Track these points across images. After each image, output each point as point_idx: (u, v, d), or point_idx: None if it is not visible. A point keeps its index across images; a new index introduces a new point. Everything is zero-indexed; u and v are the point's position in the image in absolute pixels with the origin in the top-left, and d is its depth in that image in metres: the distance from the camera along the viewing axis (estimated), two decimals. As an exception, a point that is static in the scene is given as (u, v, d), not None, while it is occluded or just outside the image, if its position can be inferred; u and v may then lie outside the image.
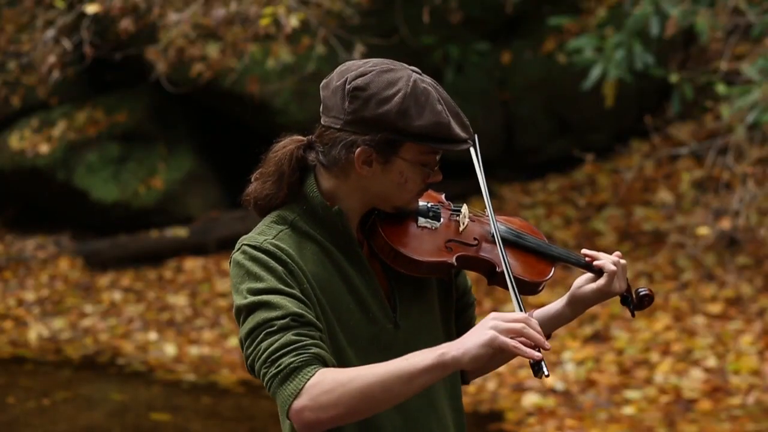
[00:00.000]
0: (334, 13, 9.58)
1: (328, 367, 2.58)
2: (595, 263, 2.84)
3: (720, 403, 7.95)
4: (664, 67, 9.99)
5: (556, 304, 2.89)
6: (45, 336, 10.55)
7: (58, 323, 10.70)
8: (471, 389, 8.41)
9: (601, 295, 2.85)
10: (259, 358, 2.59)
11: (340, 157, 2.67)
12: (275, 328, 2.58)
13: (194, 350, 9.98)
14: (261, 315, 2.60)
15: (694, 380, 8.22)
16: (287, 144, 2.77)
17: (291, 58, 9.44)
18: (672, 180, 10.75)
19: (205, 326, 10.35)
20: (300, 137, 2.78)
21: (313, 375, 2.54)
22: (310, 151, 2.74)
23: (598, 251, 2.90)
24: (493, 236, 2.79)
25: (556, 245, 2.90)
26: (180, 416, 8.67)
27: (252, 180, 2.79)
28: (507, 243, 2.81)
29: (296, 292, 2.63)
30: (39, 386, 9.34)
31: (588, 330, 9.01)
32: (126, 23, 9.00)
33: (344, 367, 2.63)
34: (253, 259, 2.66)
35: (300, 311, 2.60)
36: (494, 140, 11.44)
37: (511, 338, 2.51)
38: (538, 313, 2.89)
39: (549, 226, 10.59)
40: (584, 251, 2.87)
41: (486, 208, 2.82)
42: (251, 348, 2.60)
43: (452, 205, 2.86)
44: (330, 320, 2.69)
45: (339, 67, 2.73)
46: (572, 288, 2.87)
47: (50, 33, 9.77)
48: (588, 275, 2.86)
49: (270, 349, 2.58)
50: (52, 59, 9.45)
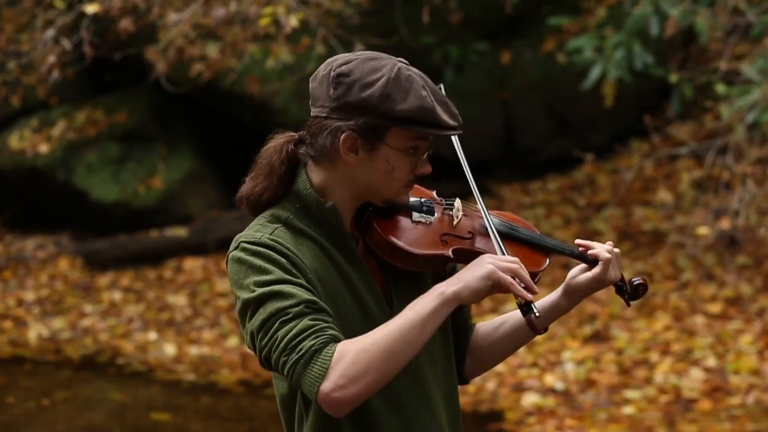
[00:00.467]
0: (334, 13, 9.58)
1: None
2: (590, 252, 2.84)
3: (720, 403, 7.95)
4: (664, 67, 9.99)
5: (552, 296, 2.89)
6: (45, 336, 10.55)
7: (58, 323, 10.70)
8: (471, 389, 8.41)
9: (596, 284, 2.84)
10: (277, 348, 2.58)
11: (326, 144, 2.68)
12: (290, 316, 2.58)
13: (194, 350, 9.98)
14: (274, 305, 2.59)
15: (694, 380, 8.22)
16: (279, 139, 2.79)
17: (291, 58, 9.44)
18: (672, 180, 10.75)
19: (205, 326, 10.35)
20: (291, 133, 2.79)
21: (335, 352, 2.55)
22: (301, 146, 2.75)
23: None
24: (487, 229, 2.80)
25: (551, 237, 2.90)
26: (180, 416, 8.67)
27: (247, 180, 2.79)
28: (501, 235, 2.81)
29: (303, 282, 2.63)
30: (39, 386, 9.34)
31: (588, 330, 9.01)
32: (126, 23, 9.00)
33: None
34: (255, 254, 2.65)
35: (312, 298, 2.61)
36: (494, 140, 11.44)
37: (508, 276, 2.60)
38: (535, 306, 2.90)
39: (549, 226, 10.59)
40: (578, 241, 2.87)
41: (477, 203, 2.84)
42: (266, 338, 2.59)
43: (445, 201, 2.87)
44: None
45: (327, 60, 2.75)
46: (567, 278, 2.86)
47: (50, 33, 9.77)
48: (582, 265, 2.86)
49: (288, 336, 2.57)
50: (52, 59, 9.45)
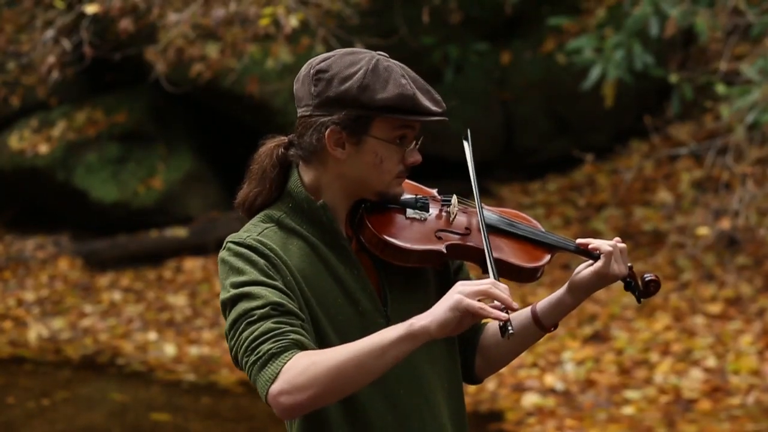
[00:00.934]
0: (334, 13, 9.58)
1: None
2: (590, 246, 2.82)
3: (720, 403, 7.95)
4: (664, 68, 9.99)
5: (558, 292, 2.87)
6: (45, 336, 10.55)
7: (58, 323, 10.71)
8: (471, 389, 8.41)
9: (599, 278, 2.81)
10: (241, 348, 2.60)
11: (313, 142, 2.70)
12: (255, 317, 2.60)
13: (194, 350, 9.98)
14: (242, 306, 2.62)
15: (694, 380, 8.22)
16: (269, 143, 2.81)
17: (290, 58, 9.44)
18: (672, 180, 10.75)
19: (205, 326, 10.35)
20: (281, 137, 2.82)
21: (290, 359, 2.55)
22: (291, 148, 2.77)
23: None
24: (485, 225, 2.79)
25: (554, 233, 2.89)
26: (180, 416, 8.67)
27: (244, 186, 2.82)
28: (499, 231, 2.81)
29: (278, 284, 2.65)
30: (39, 386, 9.34)
31: (588, 330, 9.01)
32: (125, 23, 9.00)
33: None
34: (237, 255, 2.68)
35: (280, 300, 2.61)
36: (494, 140, 11.44)
37: (479, 300, 2.50)
38: (541, 303, 2.87)
39: (549, 226, 10.59)
40: (579, 240, 2.85)
41: (475, 199, 2.82)
42: (234, 339, 2.63)
43: (443, 198, 2.86)
44: (318, 316, 2.70)
45: (308, 61, 2.77)
46: (572, 275, 2.84)
47: (50, 33, 9.77)
48: (588, 261, 2.83)
49: (250, 338, 2.59)
50: (52, 59, 9.45)
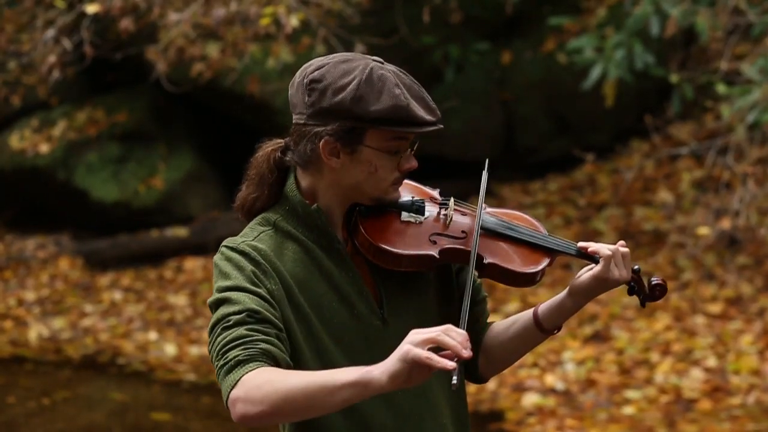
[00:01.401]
0: (334, 13, 9.57)
1: (276, 365, 2.58)
2: (589, 249, 2.79)
3: (720, 403, 7.95)
4: (664, 67, 9.99)
5: (559, 297, 2.84)
6: (45, 336, 10.55)
7: (58, 323, 10.70)
8: (471, 389, 8.38)
9: (599, 283, 2.78)
10: (214, 351, 2.62)
11: (308, 151, 2.69)
12: (231, 323, 2.61)
13: (194, 350, 9.98)
14: (222, 311, 2.63)
15: (694, 380, 8.22)
16: (266, 147, 2.80)
17: (291, 58, 9.44)
18: (672, 180, 10.74)
19: (206, 326, 10.32)
20: (279, 140, 2.81)
21: (253, 370, 2.55)
22: (288, 152, 2.76)
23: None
24: (482, 229, 2.77)
25: (556, 236, 2.85)
26: (180, 416, 8.67)
27: (243, 188, 2.82)
28: (496, 235, 2.79)
29: (261, 291, 2.64)
30: (39, 386, 9.34)
31: (588, 330, 9.01)
32: (126, 23, 9.00)
33: (329, 368, 2.62)
34: (227, 259, 2.69)
35: (257, 308, 2.61)
36: (494, 140, 11.43)
37: (427, 349, 2.40)
38: (543, 306, 2.85)
39: (549, 226, 10.56)
40: (580, 244, 2.83)
41: (478, 202, 2.80)
42: (210, 342, 2.64)
43: (441, 200, 2.84)
44: (311, 321, 2.70)
45: (302, 66, 2.75)
46: (574, 278, 2.82)
47: (50, 33, 9.77)
48: (589, 265, 2.81)
49: (222, 343, 2.60)
50: (52, 59, 9.45)
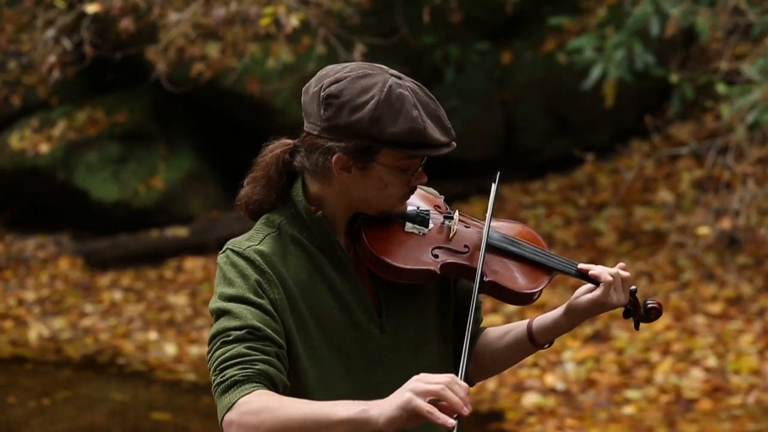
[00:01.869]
0: (334, 13, 9.58)
1: (273, 386, 2.57)
2: (590, 273, 2.77)
3: (720, 403, 7.95)
4: (664, 67, 9.99)
5: (554, 313, 2.83)
6: (45, 336, 10.55)
7: (59, 323, 10.70)
8: (471, 389, 8.39)
9: (597, 306, 2.76)
10: (212, 365, 2.60)
11: (319, 163, 2.67)
12: (231, 338, 2.59)
13: (194, 350, 9.98)
14: (222, 323, 2.61)
15: (695, 380, 8.22)
16: (275, 148, 2.77)
17: (291, 58, 9.44)
18: (672, 180, 10.74)
19: (206, 326, 10.34)
20: (288, 141, 2.77)
21: (250, 393, 2.53)
22: (297, 156, 2.73)
23: (599, 251, 2.85)
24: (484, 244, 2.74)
25: (555, 254, 2.83)
26: (180, 416, 8.67)
27: (244, 185, 2.79)
28: (500, 251, 2.76)
29: (264, 303, 2.63)
30: (39, 386, 9.34)
31: (588, 330, 9.01)
32: (126, 23, 9.00)
33: (324, 376, 2.63)
34: (232, 264, 2.67)
35: (258, 324, 2.59)
36: (494, 140, 11.43)
37: (429, 401, 2.40)
38: (538, 321, 2.83)
39: (549, 226, 10.59)
40: (580, 266, 2.80)
41: (486, 215, 2.77)
42: (209, 354, 2.63)
43: (447, 210, 2.81)
44: (309, 327, 2.68)
45: (319, 72, 2.71)
46: (571, 298, 2.81)
47: (50, 33, 9.77)
48: (588, 286, 2.78)
49: (220, 359, 2.58)
50: (52, 59, 9.45)
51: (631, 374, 8.44)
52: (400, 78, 2.66)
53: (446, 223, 2.77)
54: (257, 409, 2.50)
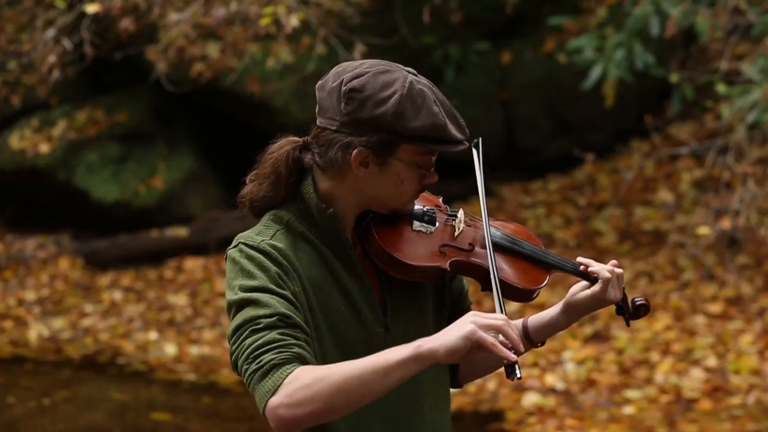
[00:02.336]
0: (335, 13, 9.58)
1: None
2: (590, 270, 2.83)
3: (720, 403, 7.95)
4: (664, 67, 9.99)
5: (551, 311, 2.89)
6: (45, 336, 10.56)
7: (59, 323, 10.71)
8: (471, 389, 8.41)
9: (595, 303, 2.83)
10: (243, 354, 2.58)
11: (337, 159, 2.67)
12: (261, 326, 2.58)
13: (194, 350, 9.98)
14: (249, 312, 2.60)
15: (695, 380, 8.22)
16: (283, 145, 2.76)
17: (291, 58, 9.45)
18: (672, 180, 10.75)
19: (206, 326, 10.35)
20: (296, 138, 2.78)
21: (292, 372, 2.53)
22: (306, 153, 2.74)
23: (599, 251, 2.89)
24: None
25: (553, 252, 2.89)
26: (180, 416, 8.67)
27: (247, 182, 2.79)
28: (502, 249, 2.80)
29: (287, 294, 2.63)
30: (39, 386, 9.34)
31: (588, 330, 9.01)
32: (126, 23, 9.01)
33: None
34: (249, 258, 2.66)
35: (288, 312, 2.60)
36: (494, 140, 11.44)
37: (491, 335, 2.49)
38: (534, 319, 2.89)
39: (549, 226, 10.59)
40: (579, 259, 2.86)
41: (482, 213, 2.80)
42: (236, 344, 2.60)
43: (449, 210, 2.84)
44: (319, 323, 2.69)
45: (335, 68, 2.72)
46: (567, 295, 2.86)
47: (50, 33, 9.77)
48: (583, 283, 2.85)
49: (253, 346, 2.57)
50: (52, 59, 9.45)
51: (631, 374, 8.44)
52: (417, 75, 2.70)
53: (450, 222, 2.80)
54: (308, 383, 2.51)
